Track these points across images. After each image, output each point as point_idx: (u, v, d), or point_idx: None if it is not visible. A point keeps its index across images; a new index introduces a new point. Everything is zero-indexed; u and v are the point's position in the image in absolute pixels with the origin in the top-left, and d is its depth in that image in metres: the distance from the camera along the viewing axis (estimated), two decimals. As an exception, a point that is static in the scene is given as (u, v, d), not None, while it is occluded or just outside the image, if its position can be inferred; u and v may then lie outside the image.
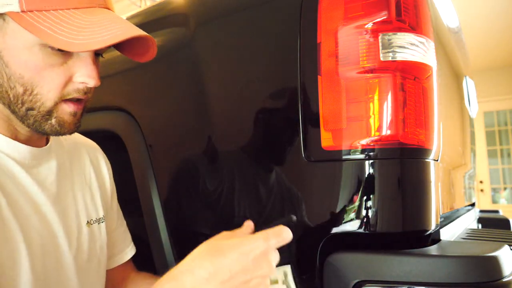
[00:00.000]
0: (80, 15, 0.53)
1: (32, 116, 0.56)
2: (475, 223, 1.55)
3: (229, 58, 0.84)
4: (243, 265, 0.45)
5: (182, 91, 0.92)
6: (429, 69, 0.69)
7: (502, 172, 5.53)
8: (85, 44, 0.50)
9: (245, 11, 0.84)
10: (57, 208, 0.64)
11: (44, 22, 0.51)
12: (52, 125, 0.57)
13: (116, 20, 0.54)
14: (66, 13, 0.52)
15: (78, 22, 0.52)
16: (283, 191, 0.74)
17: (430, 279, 0.58)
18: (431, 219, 0.68)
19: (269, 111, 0.76)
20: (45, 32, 0.50)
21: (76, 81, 0.57)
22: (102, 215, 0.74)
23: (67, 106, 0.57)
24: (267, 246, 0.47)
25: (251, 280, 0.46)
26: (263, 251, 0.46)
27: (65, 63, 0.55)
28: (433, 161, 0.71)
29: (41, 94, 0.54)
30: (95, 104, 1.09)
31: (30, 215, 0.58)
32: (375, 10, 0.65)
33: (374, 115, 0.64)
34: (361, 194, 0.65)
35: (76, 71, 0.56)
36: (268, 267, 0.46)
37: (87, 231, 0.69)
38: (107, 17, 0.54)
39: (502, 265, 0.60)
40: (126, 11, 3.23)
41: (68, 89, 0.56)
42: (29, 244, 0.56)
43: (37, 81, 0.54)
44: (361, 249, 0.65)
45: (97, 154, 0.80)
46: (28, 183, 0.60)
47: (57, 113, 0.57)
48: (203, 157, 0.85)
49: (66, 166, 0.70)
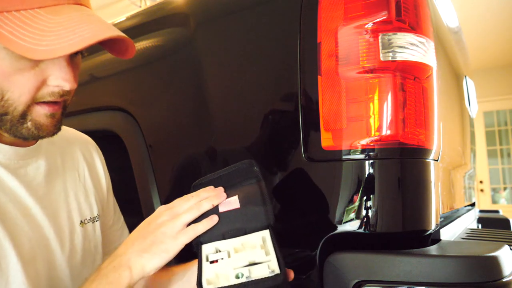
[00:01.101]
0: (44, 15, 0.48)
1: (7, 121, 0.53)
2: (475, 223, 1.55)
3: (229, 58, 0.84)
4: (146, 225, 0.58)
5: (182, 91, 0.92)
6: (429, 69, 0.69)
7: (502, 172, 5.53)
8: (49, 50, 0.46)
9: (245, 11, 0.84)
10: (47, 210, 0.62)
11: (5, 26, 0.46)
12: (29, 128, 0.54)
13: (85, 20, 0.49)
14: (29, 13, 0.48)
15: (42, 24, 0.47)
16: (283, 191, 0.74)
17: (430, 279, 0.58)
18: (431, 219, 0.68)
19: (269, 111, 0.76)
20: (6, 37, 0.46)
21: (50, 84, 0.53)
22: (96, 213, 0.73)
23: (41, 108, 0.54)
24: (166, 208, 0.58)
25: (158, 227, 0.56)
26: (158, 212, 0.58)
27: (37, 66, 0.51)
28: (433, 161, 0.71)
29: (12, 100, 0.51)
30: (95, 104, 1.10)
31: (19, 220, 0.57)
32: (375, 10, 0.65)
33: (374, 115, 0.64)
34: (361, 194, 0.65)
35: (50, 74, 0.52)
36: (168, 215, 0.57)
37: (80, 231, 0.68)
38: (76, 17, 0.49)
39: (502, 265, 0.60)
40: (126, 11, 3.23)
41: (42, 93, 0.53)
42: (19, 250, 0.55)
43: (7, 87, 0.50)
44: (361, 249, 0.65)
45: (90, 149, 0.78)
46: (15, 186, 0.58)
47: (31, 115, 0.53)
48: (203, 157, 0.85)
49: (57, 165, 0.68)
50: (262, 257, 0.54)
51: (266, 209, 0.58)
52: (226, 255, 0.56)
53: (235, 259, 0.55)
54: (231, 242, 0.58)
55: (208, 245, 0.58)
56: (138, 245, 0.55)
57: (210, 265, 0.55)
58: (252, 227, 0.58)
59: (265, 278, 0.50)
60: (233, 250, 0.57)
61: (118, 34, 0.51)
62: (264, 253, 0.55)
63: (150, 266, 0.53)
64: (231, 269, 0.53)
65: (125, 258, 0.54)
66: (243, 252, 0.56)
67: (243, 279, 0.51)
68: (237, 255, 0.56)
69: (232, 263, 0.54)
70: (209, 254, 0.57)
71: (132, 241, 0.56)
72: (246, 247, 0.57)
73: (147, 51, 0.99)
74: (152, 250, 0.54)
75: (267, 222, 0.58)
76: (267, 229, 0.57)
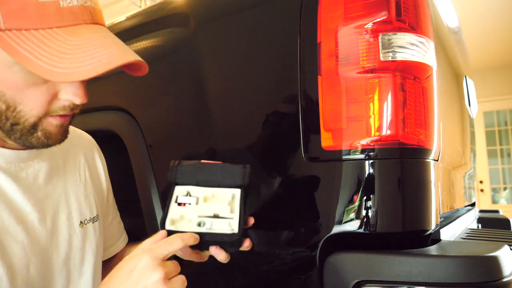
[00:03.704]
0: (62, 36, 0.48)
1: (18, 131, 0.54)
2: (475, 223, 1.55)
3: (229, 58, 0.84)
4: (129, 281, 0.49)
5: (182, 91, 0.92)
6: (429, 69, 0.69)
7: (502, 172, 5.53)
8: (65, 73, 0.47)
9: (245, 11, 0.84)
10: (46, 213, 0.63)
11: (23, 44, 0.47)
12: (39, 137, 0.55)
13: (103, 43, 0.50)
14: (47, 33, 0.48)
15: (60, 45, 0.48)
16: (283, 191, 0.74)
17: (430, 279, 0.58)
18: (431, 219, 0.68)
19: (269, 111, 0.76)
20: (23, 56, 0.47)
21: (61, 98, 0.54)
22: (96, 213, 0.74)
23: (53, 119, 0.55)
24: (150, 257, 0.50)
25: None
26: (146, 264, 0.50)
27: (49, 81, 0.52)
28: (433, 161, 0.71)
29: (24, 112, 0.52)
30: (95, 104, 1.10)
31: (12, 228, 0.57)
32: (375, 10, 0.65)
33: (374, 115, 0.64)
34: (361, 194, 0.65)
35: (61, 88, 0.54)
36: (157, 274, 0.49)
37: (80, 232, 0.69)
38: (93, 39, 0.50)
39: (502, 265, 0.60)
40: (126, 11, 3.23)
41: (53, 107, 0.54)
42: (7, 260, 0.55)
43: (20, 99, 0.51)
44: (361, 249, 0.65)
45: (92, 150, 0.79)
46: (13, 191, 0.58)
47: (42, 126, 0.55)
48: (203, 157, 0.85)
49: (59, 166, 0.69)
50: (226, 212, 0.58)
51: (244, 171, 0.62)
52: (195, 202, 0.59)
53: (202, 207, 0.59)
54: (203, 191, 0.61)
55: (182, 187, 0.61)
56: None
57: (177, 207, 0.59)
58: (227, 183, 0.61)
59: (222, 234, 0.54)
60: (202, 198, 0.60)
61: (134, 59, 0.52)
62: (230, 210, 0.58)
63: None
64: (196, 216, 0.57)
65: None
66: (211, 203, 0.60)
67: (203, 228, 0.55)
68: (204, 204, 0.59)
69: (198, 210, 0.58)
70: (179, 196, 0.60)
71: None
72: (215, 198, 0.60)
73: (147, 51, 0.99)
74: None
75: (242, 182, 0.61)
76: (239, 189, 0.61)
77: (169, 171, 0.63)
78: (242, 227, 0.56)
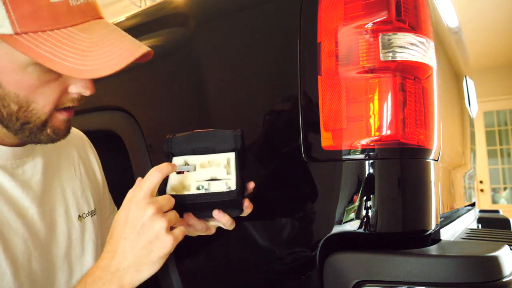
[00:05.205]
0: (78, 34, 0.50)
1: (27, 129, 0.55)
2: (475, 223, 1.55)
3: (229, 58, 0.84)
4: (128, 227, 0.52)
5: (182, 91, 0.92)
6: (429, 69, 0.69)
7: (502, 172, 5.53)
8: (93, 70, 0.49)
9: (245, 11, 0.84)
10: (44, 207, 0.64)
11: (43, 46, 0.48)
12: (48, 134, 0.57)
13: (115, 38, 0.52)
14: (63, 33, 0.49)
15: (79, 44, 0.49)
16: (283, 191, 0.74)
17: (430, 279, 0.58)
18: (431, 219, 0.68)
19: (269, 111, 0.76)
20: (47, 58, 0.48)
21: (71, 92, 0.56)
22: (93, 207, 0.75)
23: (60, 115, 0.57)
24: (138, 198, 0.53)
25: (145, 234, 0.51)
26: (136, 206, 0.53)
27: (60, 77, 0.54)
28: (433, 161, 0.71)
29: (36, 110, 0.54)
30: (95, 104, 1.10)
31: (14, 222, 0.58)
32: (375, 10, 0.65)
33: (374, 115, 0.64)
34: (361, 194, 0.65)
35: (71, 83, 0.56)
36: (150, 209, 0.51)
37: (78, 226, 0.69)
38: (106, 35, 0.52)
39: (502, 265, 0.60)
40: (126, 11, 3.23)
41: (62, 100, 0.56)
42: (10, 253, 0.56)
43: (33, 98, 0.53)
44: (361, 249, 0.65)
45: (84, 145, 0.80)
46: (12, 187, 0.59)
47: (51, 122, 0.56)
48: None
49: (53, 162, 0.70)
50: (223, 175, 0.61)
51: (235, 134, 0.64)
52: (192, 169, 0.62)
53: (199, 173, 0.62)
54: (199, 158, 0.64)
55: (179, 157, 0.64)
56: (134, 257, 0.51)
57: (176, 175, 0.61)
58: (221, 148, 0.64)
59: (221, 193, 0.57)
60: (199, 165, 0.63)
61: (146, 49, 0.54)
62: (226, 172, 0.61)
63: (148, 275, 0.52)
64: (194, 181, 0.60)
65: (117, 275, 0.51)
66: (208, 168, 0.62)
67: (202, 190, 0.58)
68: (202, 170, 0.62)
69: (196, 176, 0.61)
70: (178, 165, 0.62)
71: (123, 253, 0.52)
72: (212, 164, 0.63)
73: (147, 51, 0.99)
74: (150, 259, 0.51)
75: (234, 145, 0.64)
76: (233, 152, 0.64)
77: (165, 143, 0.65)
78: (240, 185, 0.58)
